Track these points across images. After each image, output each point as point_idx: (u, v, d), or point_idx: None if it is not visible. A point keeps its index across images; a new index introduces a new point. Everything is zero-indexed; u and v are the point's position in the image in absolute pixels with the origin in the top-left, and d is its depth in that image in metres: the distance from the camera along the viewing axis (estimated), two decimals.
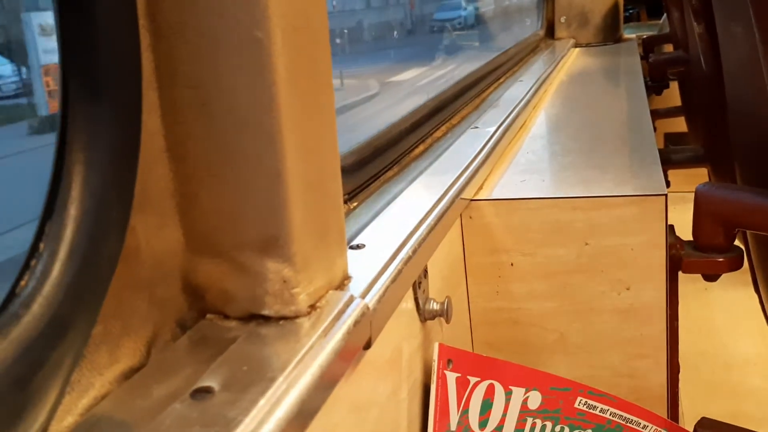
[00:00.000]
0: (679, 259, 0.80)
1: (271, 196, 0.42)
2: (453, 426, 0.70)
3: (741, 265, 0.82)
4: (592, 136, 1.11)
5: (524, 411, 0.75)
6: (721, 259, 0.79)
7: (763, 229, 0.78)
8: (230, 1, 0.39)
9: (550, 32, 2.42)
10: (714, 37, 1.19)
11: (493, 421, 0.73)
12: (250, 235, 0.43)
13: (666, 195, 0.77)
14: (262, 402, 0.36)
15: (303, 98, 0.43)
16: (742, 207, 0.77)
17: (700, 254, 0.79)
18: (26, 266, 0.35)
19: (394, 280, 0.54)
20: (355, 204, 0.72)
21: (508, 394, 0.74)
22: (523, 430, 0.76)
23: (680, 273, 0.84)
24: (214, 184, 0.43)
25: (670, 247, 0.79)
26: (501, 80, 1.55)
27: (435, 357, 0.68)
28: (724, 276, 0.86)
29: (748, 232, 0.99)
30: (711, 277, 0.82)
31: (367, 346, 0.49)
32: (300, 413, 0.38)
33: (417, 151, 0.94)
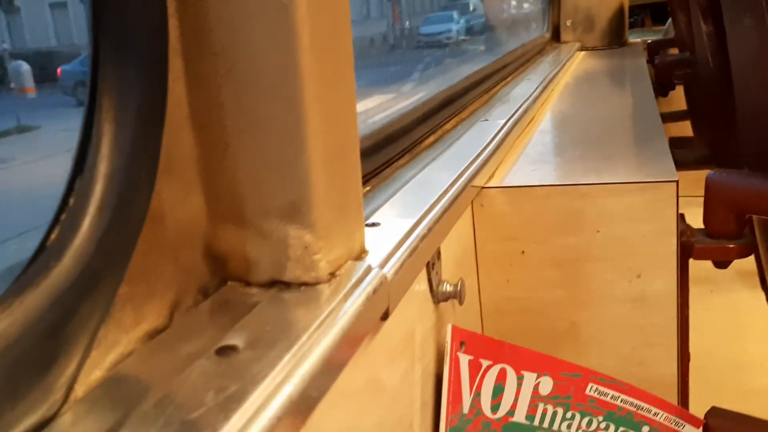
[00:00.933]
0: (690, 245, 0.80)
1: (294, 163, 0.43)
2: (465, 409, 0.70)
3: (751, 252, 0.82)
4: (601, 129, 1.12)
5: (536, 396, 0.75)
6: (731, 246, 0.79)
7: None
8: None
9: (555, 35, 2.43)
10: (722, 35, 1.20)
11: (505, 405, 0.74)
12: (272, 202, 0.44)
13: (677, 181, 0.78)
14: (287, 358, 0.37)
15: (326, 66, 0.43)
16: (753, 193, 0.77)
17: (710, 241, 0.80)
18: (56, 220, 0.35)
19: (409, 255, 0.55)
20: (368, 188, 0.73)
21: (520, 378, 0.75)
22: (534, 415, 0.76)
23: (690, 267, 0.85)
24: (238, 152, 0.44)
25: (681, 234, 0.79)
26: (508, 79, 1.56)
27: (448, 339, 0.69)
28: (730, 277, 0.86)
29: (756, 224, 0.99)
30: (721, 264, 0.83)
31: (385, 316, 0.50)
32: (323, 372, 0.38)
33: (428, 141, 0.95)
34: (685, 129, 2.33)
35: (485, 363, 0.72)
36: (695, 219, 0.85)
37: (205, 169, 0.44)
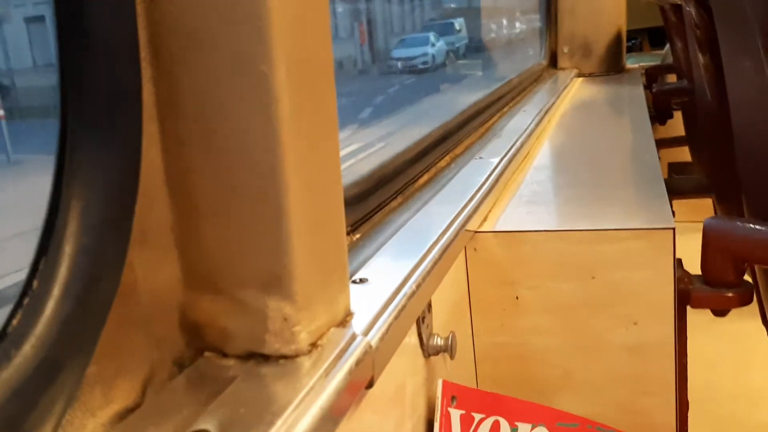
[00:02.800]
0: (688, 293, 0.78)
1: (273, 233, 0.41)
2: None
3: (751, 300, 0.80)
4: (597, 168, 1.11)
5: None
6: (730, 294, 0.78)
7: None
8: (235, 34, 0.38)
9: (553, 62, 2.42)
10: (719, 67, 1.19)
11: None
12: (251, 272, 0.42)
13: (674, 228, 0.76)
14: None
15: (307, 133, 0.42)
16: (751, 241, 0.76)
17: (709, 289, 0.78)
18: (19, 304, 0.34)
19: (397, 316, 0.53)
20: (358, 236, 0.71)
21: (514, 430, 0.73)
22: None
23: (689, 308, 0.83)
24: (215, 220, 0.42)
25: (678, 281, 0.77)
26: (504, 110, 1.55)
27: (438, 394, 0.67)
28: None
29: (758, 273, 0.97)
30: (720, 312, 0.81)
31: (370, 385, 0.48)
32: None
33: (421, 180, 0.93)
34: (684, 154, 2.32)
35: (478, 416, 0.70)
36: (692, 245, 0.83)
37: (180, 236, 0.43)
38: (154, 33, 0.40)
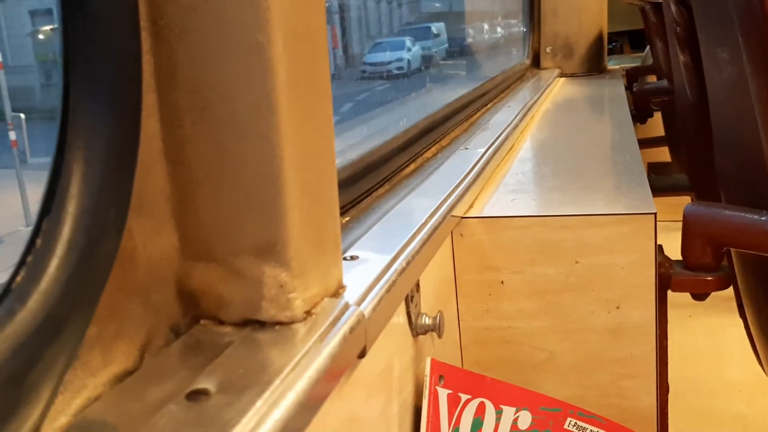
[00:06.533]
0: (668, 277, 0.80)
1: (269, 201, 0.42)
2: None
3: (729, 284, 0.82)
4: (580, 159, 1.13)
5: (514, 431, 0.75)
6: (709, 278, 0.80)
7: (751, 247, 0.79)
8: (232, 5, 0.39)
9: (535, 62, 2.45)
10: (699, 66, 1.22)
11: None
12: (247, 240, 0.43)
13: (655, 214, 0.78)
14: (259, 403, 0.36)
15: (302, 104, 0.43)
16: (730, 226, 0.78)
17: (689, 273, 0.80)
18: (22, 262, 0.34)
19: (388, 290, 0.54)
20: (347, 218, 0.72)
21: (499, 413, 0.74)
22: None
23: (669, 293, 0.85)
24: (212, 189, 0.43)
25: (659, 265, 0.79)
26: (488, 106, 1.57)
27: (427, 372, 0.68)
28: (708, 303, 0.87)
29: (733, 255, 1.00)
30: (700, 296, 0.83)
31: (362, 354, 0.49)
32: (297, 417, 0.37)
33: (408, 169, 0.95)
34: (663, 154, 2.36)
35: (464, 397, 0.71)
36: (673, 243, 0.85)
37: (178, 206, 0.44)
38: (153, 4, 0.40)
